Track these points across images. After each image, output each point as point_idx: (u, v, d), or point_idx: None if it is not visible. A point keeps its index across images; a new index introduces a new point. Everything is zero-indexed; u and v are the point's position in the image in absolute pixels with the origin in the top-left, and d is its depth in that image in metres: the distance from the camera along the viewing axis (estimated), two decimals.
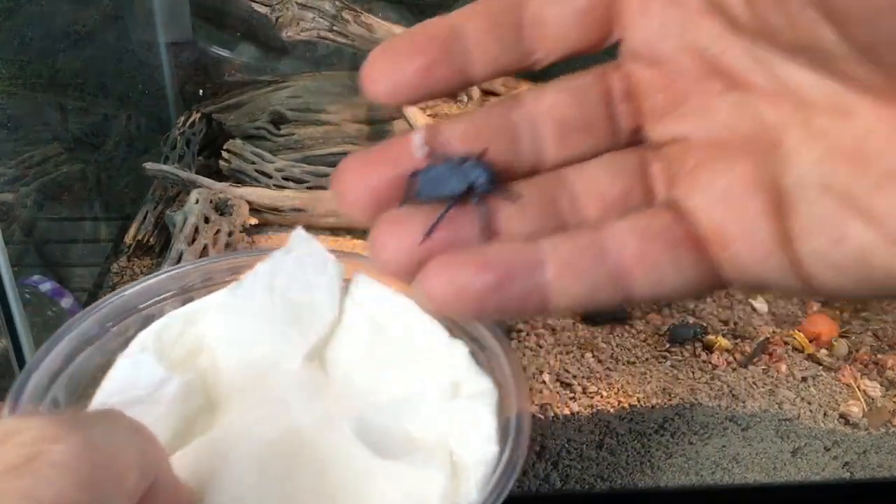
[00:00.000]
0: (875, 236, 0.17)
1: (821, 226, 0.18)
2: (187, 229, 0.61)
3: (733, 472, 0.58)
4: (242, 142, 0.76)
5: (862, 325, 0.63)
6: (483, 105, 0.80)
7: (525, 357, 0.58)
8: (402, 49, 0.22)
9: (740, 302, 0.65)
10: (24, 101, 0.83)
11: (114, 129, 0.86)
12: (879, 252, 0.18)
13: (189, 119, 0.79)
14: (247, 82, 0.82)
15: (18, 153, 0.80)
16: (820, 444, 0.56)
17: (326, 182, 0.73)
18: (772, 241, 0.19)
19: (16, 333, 0.48)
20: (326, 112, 0.79)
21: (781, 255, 0.19)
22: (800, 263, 0.19)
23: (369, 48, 0.88)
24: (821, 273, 0.19)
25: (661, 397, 0.55)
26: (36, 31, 0.81)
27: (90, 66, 0.84)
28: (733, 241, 0.19)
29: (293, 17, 0.71)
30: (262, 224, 0.70)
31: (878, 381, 0.58)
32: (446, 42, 0.22)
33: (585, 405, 0.54)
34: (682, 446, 0.56)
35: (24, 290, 0.66)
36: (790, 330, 0.62)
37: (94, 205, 0.83)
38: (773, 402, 0.56)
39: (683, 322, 0.60)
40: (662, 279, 0.20)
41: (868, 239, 0.18)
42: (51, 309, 0.66)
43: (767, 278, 0.20)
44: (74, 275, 0.77)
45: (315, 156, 0.78)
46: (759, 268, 0.19)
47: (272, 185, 0.73)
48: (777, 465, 0.57)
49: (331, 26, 0.74)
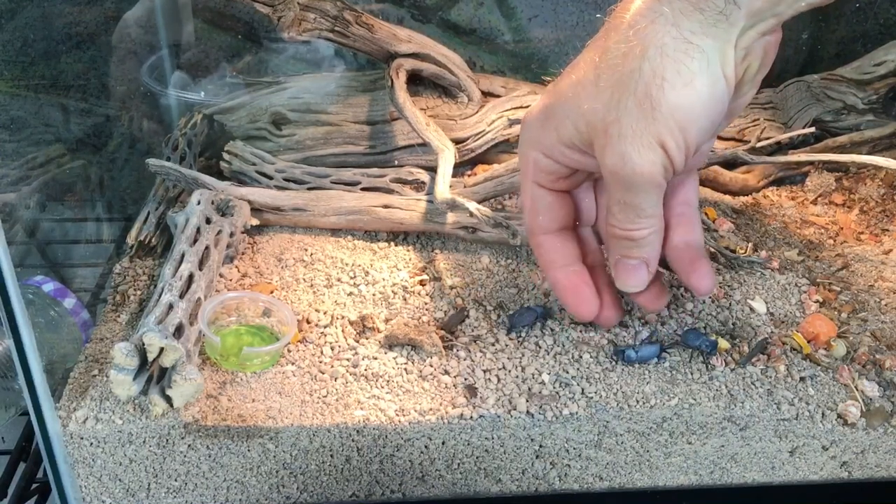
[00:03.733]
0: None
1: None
2: (189, 230, 0.61)
3: (731, 471, 0.58)
4: (243, 143, 0.76)
5: (860, 325, 0.64)
6: (483, 105, 0.81)
7: (525, 357, 0.58)
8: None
9: (738, 302, 0.65)
10: (26, 103, 0.83)
11: (116, 131, 0.87)
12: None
13: (190, 120, 0.79)
14: (248, 83, 0.82)
15: (21, 154, 0.80)
16: (818, 443, 0.57)
17: (327, 182, 0.74)
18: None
19: (18, 334, 0.49)
20: (327, 113, 0.79)
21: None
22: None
23: (370, 49, 0.88)
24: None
25: (660, 397, 0.55)
26: (38, 33, 0.81)
27: (92, 67, 0.84)
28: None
29: (295, 18, 0.72)
30: (264, 224, 0.70)
31: (877, 382, 0.58)
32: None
33: (584, 405, 0.54)
34: (681, 446, 0.56)
35: (27, 290, 0.67)
36: (788, 330, 0.62)
37: (96, 206, 0.83)
38: (772, 401, 0.56)
39: (694, 328, 0.60)
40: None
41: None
42: (53, 309, 0.66)
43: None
44: (77, 275, 0.77)
45: (316, 156, 0.78)
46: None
47: (273, 185, 0.73)
48: (775, 465, 0.58)
49: (332, 27, 0.74)
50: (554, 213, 0.56)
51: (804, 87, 0.87)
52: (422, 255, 0.69)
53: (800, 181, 0.84)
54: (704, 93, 0.46)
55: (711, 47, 0.46)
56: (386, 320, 0.61)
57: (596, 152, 0.49)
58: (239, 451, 0.53)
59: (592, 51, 0.50)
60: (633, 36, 0.46)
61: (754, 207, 0.80)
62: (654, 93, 0.46)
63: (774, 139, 0.80)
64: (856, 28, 0.91)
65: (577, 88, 0.49)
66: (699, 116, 0.47)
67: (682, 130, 0.47)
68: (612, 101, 0.47)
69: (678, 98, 0.46)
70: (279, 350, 0.57)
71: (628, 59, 0.46)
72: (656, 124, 0.46)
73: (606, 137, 0.48)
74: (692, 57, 0.46)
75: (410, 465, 0.55)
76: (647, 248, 0.53)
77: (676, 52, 0.46)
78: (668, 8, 0.46)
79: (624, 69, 0.47)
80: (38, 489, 0.61)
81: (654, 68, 0.46)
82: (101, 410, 0.52)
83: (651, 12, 0.46)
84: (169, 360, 0.51)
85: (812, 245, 0.74)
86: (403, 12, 0.90)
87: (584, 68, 0.49)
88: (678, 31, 0.46)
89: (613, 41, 0.48)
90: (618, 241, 0.53)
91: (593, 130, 0.49)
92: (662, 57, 0.46)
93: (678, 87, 0.46)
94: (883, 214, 0.78)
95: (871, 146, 0.83)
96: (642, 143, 0.47)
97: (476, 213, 0.64)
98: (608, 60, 0.48)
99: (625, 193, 0.49)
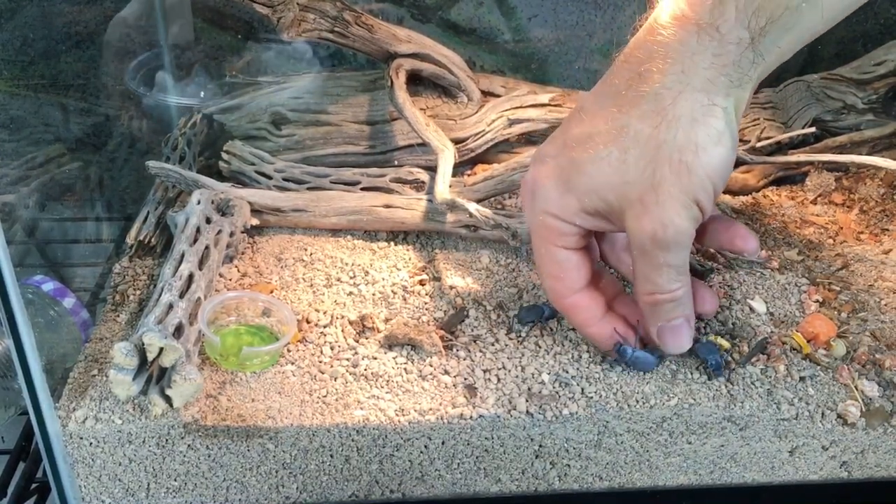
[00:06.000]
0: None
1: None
2: (189, 230, 0.61)
3: (731, 471, 0.58)
4: (242, 143, 0.76)
5: (860, 325, 0.63)
6: (482, 105, 0.81)
7: (525, 357, 0.58)
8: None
9: (738, 302, 0.65)
10: (26, 102, 0.83)
11: (115, 130, 0.87)
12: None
13: (190, 120, 0.79)
14: (247, 83, 0.82)
15: (21, 154, 0.80)
16: (818, 443, 0.57)
17: (327, 182, 0.74)
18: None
19: (18, 333, 0.49)
20: (327, 112, 0.79)
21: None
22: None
23: (370, 49, 0.88)
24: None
25: (660, 397, 0.55)
26: (38, 33, 0.81)
27: (92, 66, 0.84)
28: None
29: (294, 19, 0.72)
30: (264, 225, 0.70)
31: (876, 382, 0.58)
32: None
33: (584, 405, 0.54)
34: (681, 445, 0.56)
35: (27, 290, 0.67)
36: (788, 330, 0.62)
37: (95, 205, 0.83)
38: (771, 401, 0.56)
39: (711, 342, 0.59)
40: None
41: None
42: (53, 309, 0.66)
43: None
44: (76, 275, 0.77)
45: (315, 156, 0.78)
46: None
47: (272, 186, 0.73)
48: (775, 465, 0.58)
49: (332, 27, 0.74)
50: (581, 271, 0.56)
51: (804, 87, 0.87)
52: (421, 255, 0.69)
53: (800, 181, 0.84)
54: (730, 146, 0.49)
55: (732, 104, 0.48)
56: (386, 320, 0.61)
57: (628, 221, 0.50)
58: (239, 450, 0.53)
59: (606, 122, 0.50)
60: (660, 109, 0.48)
61: (754, 207, 0.80)
62: (689, 158, 0.48)
63: (774, 139, 0.79)
64: (856, 28, 0.91)
65: (601, 164, 0.50)
66: (727, 168, 0.49)
67: (714, 185, 0.49)
68: (645, 173, 0.49)
69: (710, 158, 0.48)
70: (279, 350, 0.57)
71: (660, 132, 0.48)
72: (692, 186, 0.48)
73: (642, 206, 0.49)
74: (718, 118, 0.48)
75: (410, 465, 0.55)
76: (687, 303, 0.54)
77: (705, 116, 0.48)
78: (696, 79, 0.47)
79: (656, 141, 0.48)
80: (37, 489, 0.61)
81: (688, 136, 0.47)
82: (101, 410, 0.52)
83: (677, 84, 0.48)
84: (169, 360, 0.51)
85: (812, 245, 0.74)
86: (403, 12, 0.90)
87: (604, 143, 0.50)
88: (707, 97, 0.47)
89: (636, 116, 0.49)
90: (661, 306, 0.53)
91: (625, 201, 0.50)
92: (693, 124, 0.47)
93: (710, 149, 0.48)
94: (883, 214, 0.78)
95: (870, 146, 0.83)
96: (680, 204, 0.48)
97: (476, 214, 0.64)
98: (634, 135, 0.49)
99: (665, 255, 0.50)
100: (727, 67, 0.47)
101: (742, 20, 0.46)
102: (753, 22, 0.46)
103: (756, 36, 0.46)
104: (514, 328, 0.60)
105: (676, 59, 0.47)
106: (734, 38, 0.46)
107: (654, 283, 0.52)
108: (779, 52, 0.47)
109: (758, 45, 0.46)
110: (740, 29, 0.46)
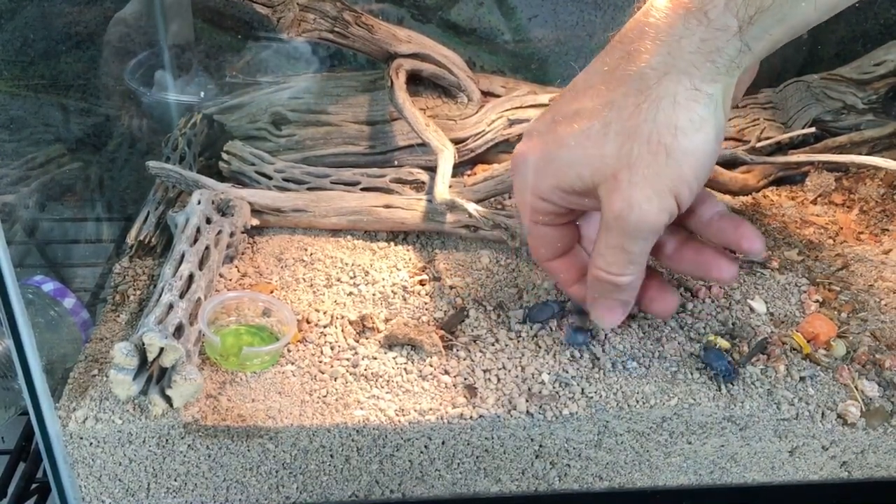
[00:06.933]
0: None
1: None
2: (189, 230, 0.61)
3: (731, 471, 0.58)
4: (242, 143, 0.76)
5: (860, 325, 0.64)
6: (482, 105, 0.81)
7: (525, 357, 0.58)
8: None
9: (738, 302, 0.65)
10: (26, 102, 0.83)
11: (116, 130, 0.87)
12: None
13: (190, 120, 0.79)
14: (248, 83, 0.82)
15: (21, 154, 0.80)
16: (818, 443, 0.57)
17: (327, 182, 0.74)
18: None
19: (18, 334, 0.49)
20: (327, 113, 0.79)
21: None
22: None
23: (370, 49, 0.88)
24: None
25: (660, 397, 0.55)
26: (38, 33, 0.81)
27: (92, 66, 0.84)
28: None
29: (294, 19, 0.72)
30: (264, 225, 0.70)
31: (876, 382, 0.58)
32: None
33: (584, 405, 0.54)
34: (681, 445, 0.56)
35: (27, 290, 0.67)
36: (788, 330, 0.62)
37: (95, 205, 0.83)
38: (772, 401, 0.56)
39: (721, 350, 0.59)
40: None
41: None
42: (53, 309, 0.66)
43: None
44: (76, 275, 0.77)
45: (315, 156, 0.78)
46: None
47: (272, 186, 0.73)
48: (775, 465, 0.58)
49: (332, 27, 0.74)
50: (557, 244, 0.57)
51: (804, 87, 0.87)
52: (421, 255, 0.69)
53: (800, 181, 0.84)
54: (712, 136, 0.48)
55: (718, 91, 0.47)
56: (386, 320, 0.61)
57: (601, 196, 0.50)
58: (239, 450, 0.53)
59: (592, 99, 0.50)
60: (644, 88, 0.47)
61: (754, 207, 0.80)
62: (668, 141, 0.47)
63: (774, 139, 0.80)
64: (856, 28, 0.91)
65: (581, 137, 0.50)
66: (710, 159, 0.48)
67: (695, 177, 0.48)
68: (623, 149, 0.48)
69: (691, 144, 0.47)
70: (279, 350, 0.57)
71: (641, 110, 0.47)
72: (669, 172, 0.47)
73: (615, 182, 0.48)
74: (702, 104, 0.47)
75: (410, 465, 0.55)
76: (628, 292, 0.53)
77: (688, 100, 0.47)
78: (681, 62, 0.47)
79: (637, 119, 0.47)
80: (37, 489, 0.61)
81: (668, 117, 0.47)
82: (101, 410, 0.52)
83: (663, 65, 0.47)
84: (169, 360, 0.51)
85: (812, 245, 0.74)
86: (403, 12, 0.89)
87: (588, 118, 0.50)
88: (690, 81, 0.47)
89: (621, 94, 0.48)
90: (601, 283, 0.53)
91: (600, 176, 0.49)
92: (675, 106, 0.47)
93: (690, 134, 0.47)
94: (883, 214, 0.78)
95: (870, 146, 0.83)
96: (653, 190, 0.48)
97: (475, 215, 0.64)
98: (618, 111, 0.48)
99: (622, 238, 0.50)
100: (713, 54, 0.46)
101: (731, 7, 0.45)
102: (743, 10, 0.45)
103: (744, 24, 0.45)
104: (526, 324, 0.61)
105: (664, 41, 0.47)
106: (721, 24, 0.46)
107: (606, 261, 0.52)
108: (770, 40, 0.47)
109: (745, 33, 0.46)
110: (728, 16, 0.45)
